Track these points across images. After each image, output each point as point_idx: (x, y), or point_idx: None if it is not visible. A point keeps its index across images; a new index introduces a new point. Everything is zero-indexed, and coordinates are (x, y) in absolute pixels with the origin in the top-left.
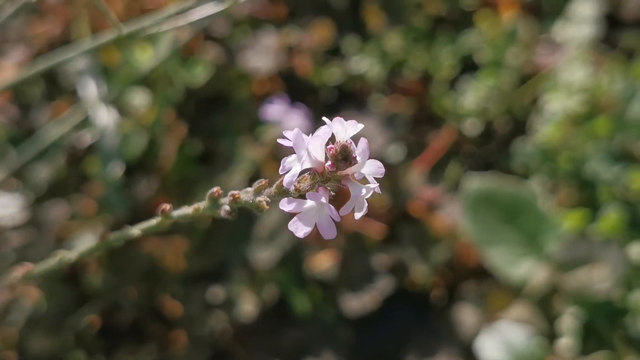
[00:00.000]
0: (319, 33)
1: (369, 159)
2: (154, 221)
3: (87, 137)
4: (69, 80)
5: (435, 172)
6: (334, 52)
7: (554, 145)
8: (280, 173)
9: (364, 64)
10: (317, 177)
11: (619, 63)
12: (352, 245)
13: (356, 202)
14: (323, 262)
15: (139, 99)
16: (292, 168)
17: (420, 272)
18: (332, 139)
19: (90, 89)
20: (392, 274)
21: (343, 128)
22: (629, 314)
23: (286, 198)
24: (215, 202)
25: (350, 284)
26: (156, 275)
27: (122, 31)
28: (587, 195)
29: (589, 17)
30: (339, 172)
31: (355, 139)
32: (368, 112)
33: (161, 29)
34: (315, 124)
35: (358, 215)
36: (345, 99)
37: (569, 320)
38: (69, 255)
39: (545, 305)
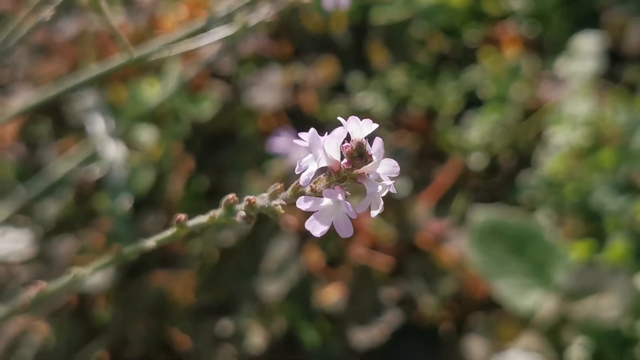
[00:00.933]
0: (324, 70)
1: (383, 158)
2: (168, 232)
3: (95, 171)
4: (76, 118)
5: (442, 206)
6: (339, 89)
7: (560, 177)
8: (297, 173)
9: (369, 100)
10: (333, 176)
11: (622, 96)
12: (360, 279)
13: (372, 200)
14: (331, 296)
15: (147, 134)
16: (309, 167)
17: (428, 304)
18: (348, 139)
19: (98, 125)
20: (400, 307)
21: (358, 127)
22: (637, 343)
23: (303, 197)
24: (230, 209)
25: (359, 317)
26: (165, 309)
27: (133, 54)
28: (594, 227)
29: (591, 52)
30: (354, 171)
31: (370, 140)
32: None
33: (172, 52)
34: None
35: (374, 213)
36: None
37: (577, 350)
38: (82, 271)
39: (554, 335)
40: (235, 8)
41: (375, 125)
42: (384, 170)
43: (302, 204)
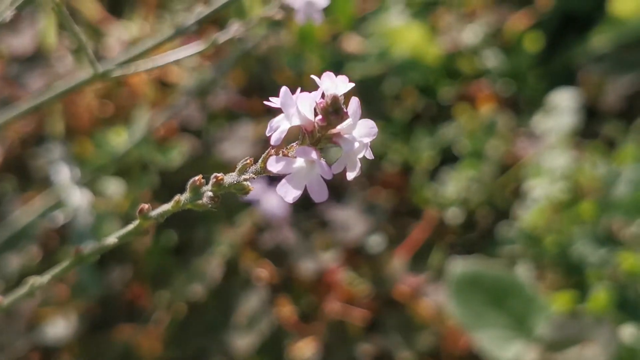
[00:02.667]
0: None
1: (360, 119)
2: (131, 225)
3: (59, 218)
4: (41, 172)
5: (418, 261)
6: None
7: (539, 230)
8: (267, 134)
9: None
10: (307, 138)
11: (601, 151)
12: (334, 334)
13: (349, 160)
14: (304, 351)
15: (113, 185)
16: (280, 126)
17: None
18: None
19: (63, 174)
20: None
21: (333, 84)
22: None
23: (274, 157)
24: (197, 192)
25: None
26: None
27: (98, 69)
28: (575, 280)
29: (568, 108)
30: (330, 131)
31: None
32: (348, 202)
33: (138, 68)
34: (293, 214)
35: (351, 176)
36: None
37: None
38: (40, 280)
39: None
40: (203, 15)
41: (351, 85)
42: (361, 132)
43: (273, 166)
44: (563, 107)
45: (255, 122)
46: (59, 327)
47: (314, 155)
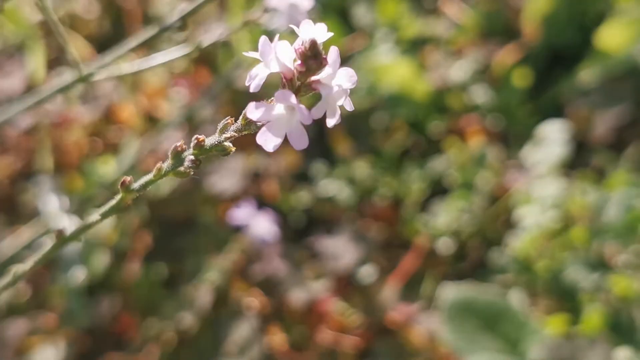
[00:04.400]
0: (286, 158)
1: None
2: (113, 200)
3: (47, 245)
4: (30, 205)
5: (410, 290)
6: (301, 177)
7: (530, 258)
8: (247, 84)
9: (333, 188)
10: (287, 87)
11: (591, 180)
12: None
13: (328, 106)
14: None
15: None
16: (259, 74)
17: None
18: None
19: (52, 204)
20: None
21: (312, 31)
22: None
23: (254, 102)
24: (179, 158)
25: None
26: None
27: (82, 71)
28: (568, 306)
29: (557, 139)
30: (309, 78)
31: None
32: (338, 233)
33: (122, 71)
34: (283, 245)
35: (331, 122)
36: (315, 224)
37: None
38: (22, 267)
39: None
40: (185, 13)
41: (331, 34)
42: (341, 81)
43: (253, 112)
44: (552, 138)
45: (245, 155)
46: (47, 356)
47: (293, 99)
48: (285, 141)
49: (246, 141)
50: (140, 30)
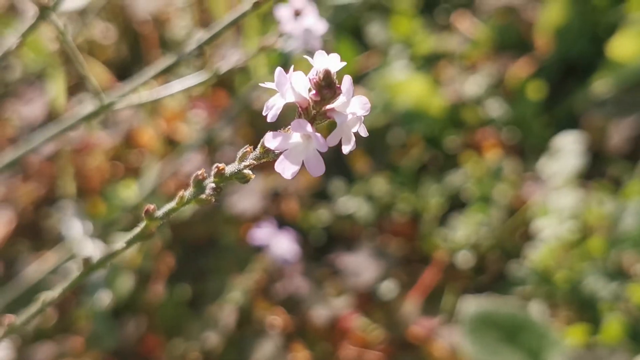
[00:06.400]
0: (305, 178)
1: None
2: (137, 229)
3: (72, 270)
4: (54, 231)
5: (431, 305)
6: (321, 196)
7: (549, 269)
8: (264, 114)
9: (352, 205)
10: (302, 116)
11: (607, 190)
12: None
13: (343, 133)
14: None
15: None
16: (276, 104)
17: None
18: None
19: (75, 229)
20: None
21: (325, 61)
22: None
23: (271, 132)
24: (200, 186)
25: None
26: None
27: (104, 101)
28: (588, 316)
29: (573, 150)
30: (324, 107)
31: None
32: (358, 250)
33: (142, 99)
34: (304, 263)
35: (346, 149)
36: (335, 241)
37: None
38: (51, 295)
39: None
40: (203, 41)
41: (344, 63)
42: (355, 109)
43: (271, 142)
44: (568, 150)
45: (263, 176)
46: None
47: (308, 128)
48: (303, 166)
49: (266, 162)
50: (158, 56)
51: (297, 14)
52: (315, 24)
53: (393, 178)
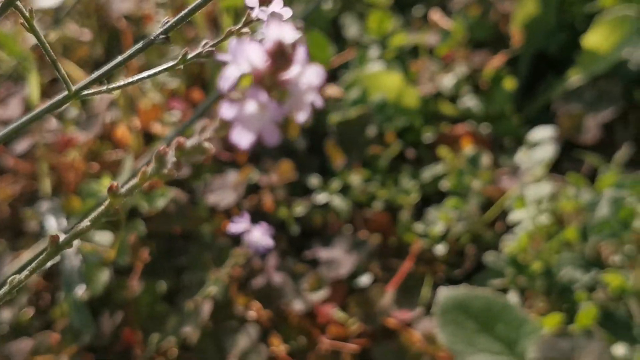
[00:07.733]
0: (281, 172)
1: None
2: (102, 206)
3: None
4: (29, 228)
5: (408, 295)
6: (297, 190)
7: (526, 257)
8: (220, 86)
9: (329, 198)
10: (258, 85)
11: (582, 180)
12: None
13: (298, 102)
14: None
15: (101, 236)
16: (231, 75)
17: None
18: None
19: (51, 225)
20: None
21: (280, 31)
22: None
23: (227, 102)
24: (162, 160)
25: None
26: None
27: (71, 89)
28: (566, 306)
29: (549, 142)
30: (278, 77)
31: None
32: (336, 243)
33: (111, 86)
34: (281, 258)
35: (301, 117)
36: (312, 235)
37: None
38: (19, 277)
39: None
40: (168, 25)
41: (299, 33)
42: (309, 78)
43: (227, 111)
44: (543, 142)
45: (240, 172)
46: None
47: (264, 97)
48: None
49: (241, 157)
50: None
51: (266, 2)
52: (282, 10)
53: (369, 171)
